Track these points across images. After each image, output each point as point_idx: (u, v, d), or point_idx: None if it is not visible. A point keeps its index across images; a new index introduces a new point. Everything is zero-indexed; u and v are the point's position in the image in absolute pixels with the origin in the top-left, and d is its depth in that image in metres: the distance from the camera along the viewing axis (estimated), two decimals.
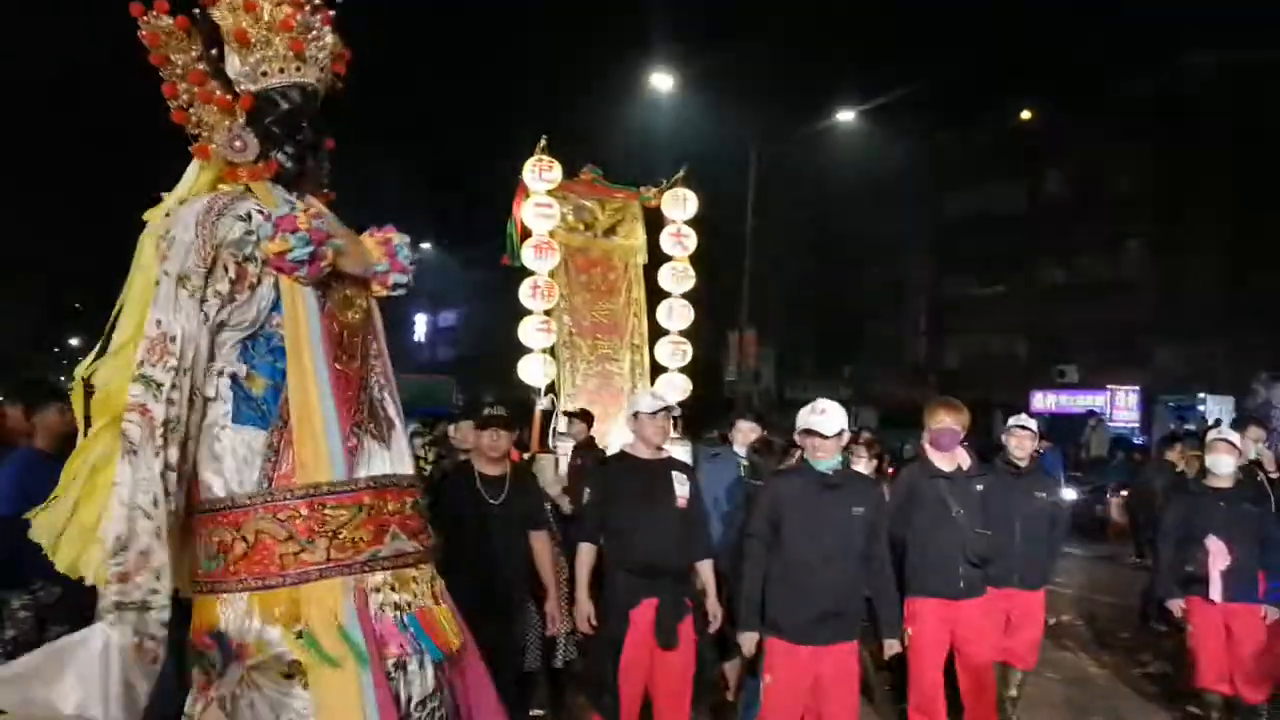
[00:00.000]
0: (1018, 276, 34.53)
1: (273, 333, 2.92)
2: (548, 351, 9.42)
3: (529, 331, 9.29)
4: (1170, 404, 23.11)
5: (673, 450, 5.60)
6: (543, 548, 5.39)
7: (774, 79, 31.16)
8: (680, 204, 10.17)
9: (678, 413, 5.41)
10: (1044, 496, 6.31)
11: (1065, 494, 12.98)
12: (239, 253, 2.84)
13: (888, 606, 5.03)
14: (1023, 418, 6.45)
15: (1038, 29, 30.77)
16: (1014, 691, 6.32)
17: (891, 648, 5.03)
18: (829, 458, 4.75)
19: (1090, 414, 23.49)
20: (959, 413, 5.62)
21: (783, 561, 4.70)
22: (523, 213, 9.35)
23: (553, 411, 9.11)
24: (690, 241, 10.19)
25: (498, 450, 5.20)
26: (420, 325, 54.87)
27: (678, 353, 10.14)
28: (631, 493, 5.05)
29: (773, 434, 6.96)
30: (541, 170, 9.32)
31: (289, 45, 3.01)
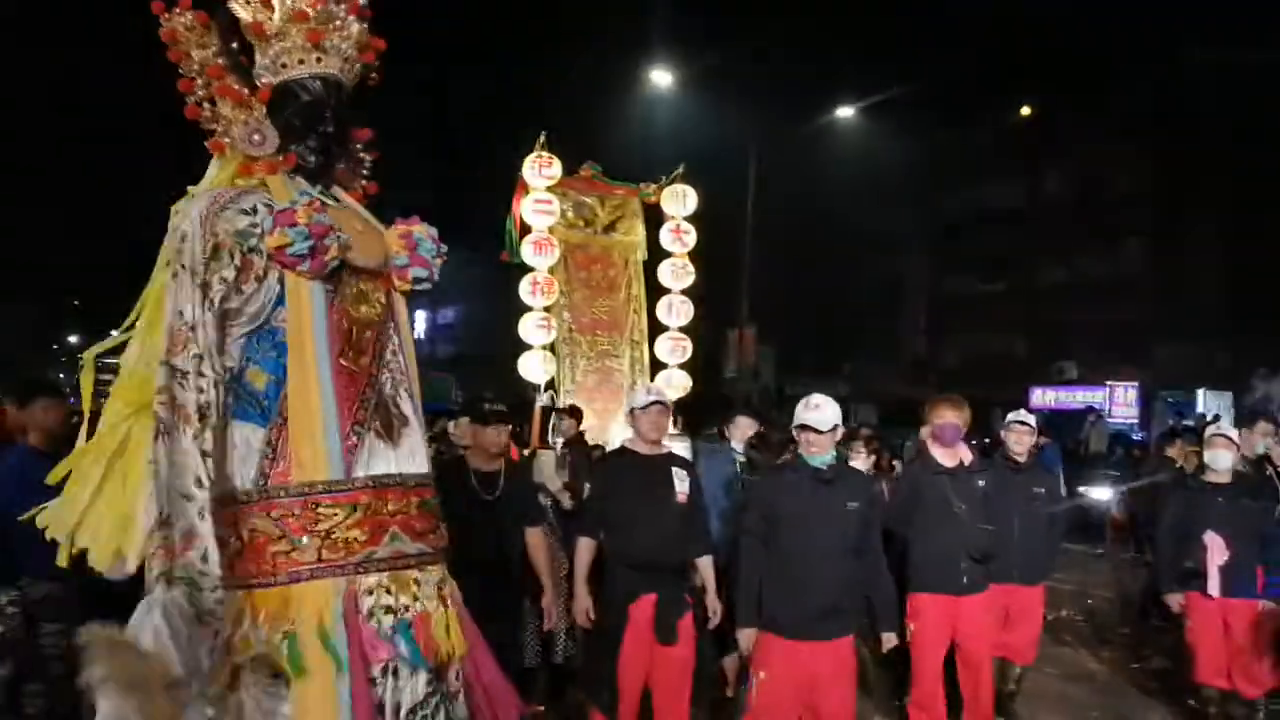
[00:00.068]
0: (1017, 274, 34.54)
1: (277, 328, 2.89)
2: (548, 348, 9.43)
3: (529, 328, 9.30)
4: (1169, 400, 23.10)
5: (672, 446, 5.61)
6: (538, 543, 5.40)
7: (774, 76, 31.11)
8: (680, 200, 10.18)
9: (670, 405, 5.39)
10: (1042, 492, 6.34)
11: (1102, 492, 12.89)
12: (243, 243, 2.81)
13: (884, 600, 5.04)
14: (1021, 413, 6.46)
15: (1037, 27, 30.69)
16: (1013, 686, 6.34)
17: (889, 640, 5.02)
18: (823, 453, 4.75)
19: (1089, 410, 23.48)
20: (961, 409, 5.63)
21: (778, 557, 4.70)
22: (522, 209, 9.35)
23: (553, 408, 9.13)
24: (690, 238, 10.20)
25: (499, 446, 5.21)
26: (420, 322, 54.85)
27: (677, 349, 10.15)
28: (631, 488, 5.05)
29: (772, 430, 6.97)
30: (541, 166, 9.32)
31: (306, 36, 2.98)
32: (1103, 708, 6.89)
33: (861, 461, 6.94)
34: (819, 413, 4.72)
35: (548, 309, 9.41)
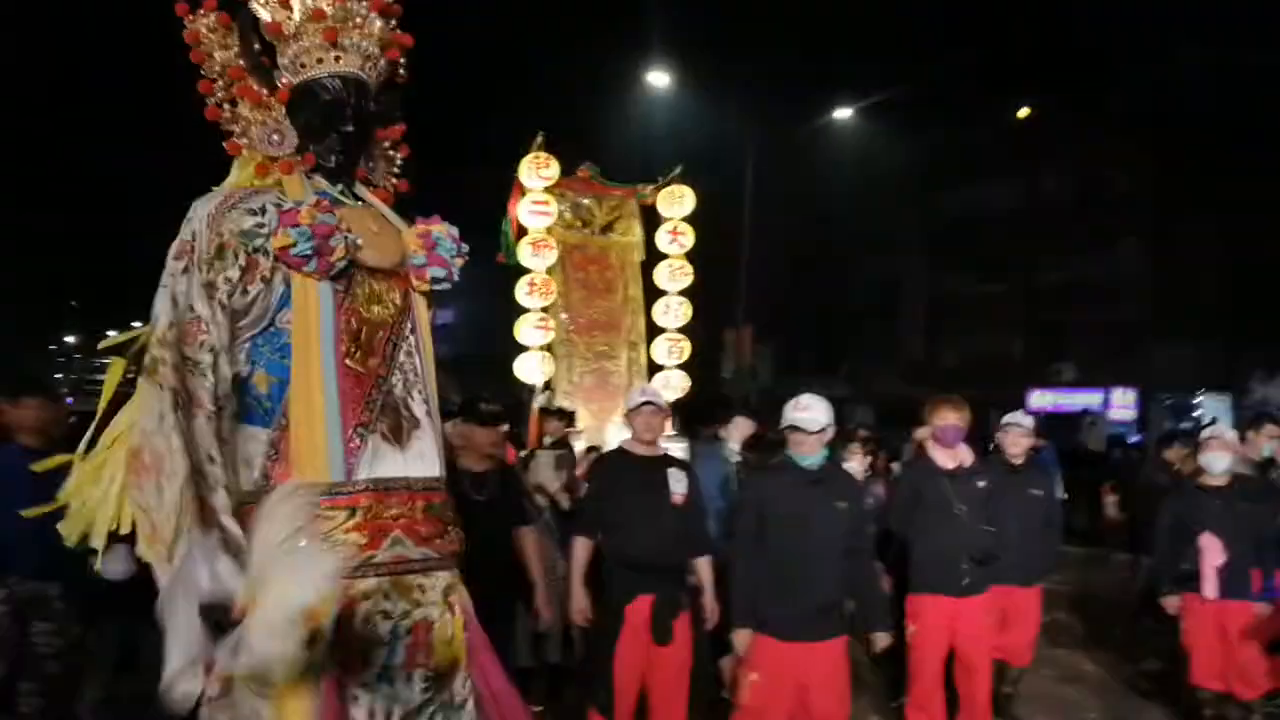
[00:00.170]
0: (1015, 275, 34.51)
1: (282, 329, 2.86)
2: (545, 349, 9.43)
3: (526, 329, 9.29)
4: (1167, 402, 23.14)
5: (670, 447, 5.61)
6: (529, 544, 5.41)
7: (772, 76, 31.15)
8: (677, 201, 10.18)
9: (665, 406, 5.40)
10: (1039, 494, 6.34)
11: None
12: (248, 244, 2.79)
13: (873, 599, 5.05)
14: (1018, 415, 6.47)
15: (1035, 27, 30.74)
16: (1009, 688, 6.34)
17: (880, 640, 5.01)
18: (812, 453, 4.75)
19: (1086, 412, 23.52)
20: (962, 410, 5.64)
21: (769, 558, 4.70)
22: (519, 210, 9.35)
23: (560, 409, 9.15)
24: (687, 239, 10.20)
25: (492, 446, 5.22)
26: None
27: (675, 350, 10.15)
28: (627, 488, 5.06)
29: (768, 431, 6.97)
30: (538, 167, 9.32)
31: (323, 35, 2.96)
32: (1099, 709, 6.90)
33: (858, 462, 6.94)
34: (808, 413, 4.73)
35: (545, 310, 9.40)
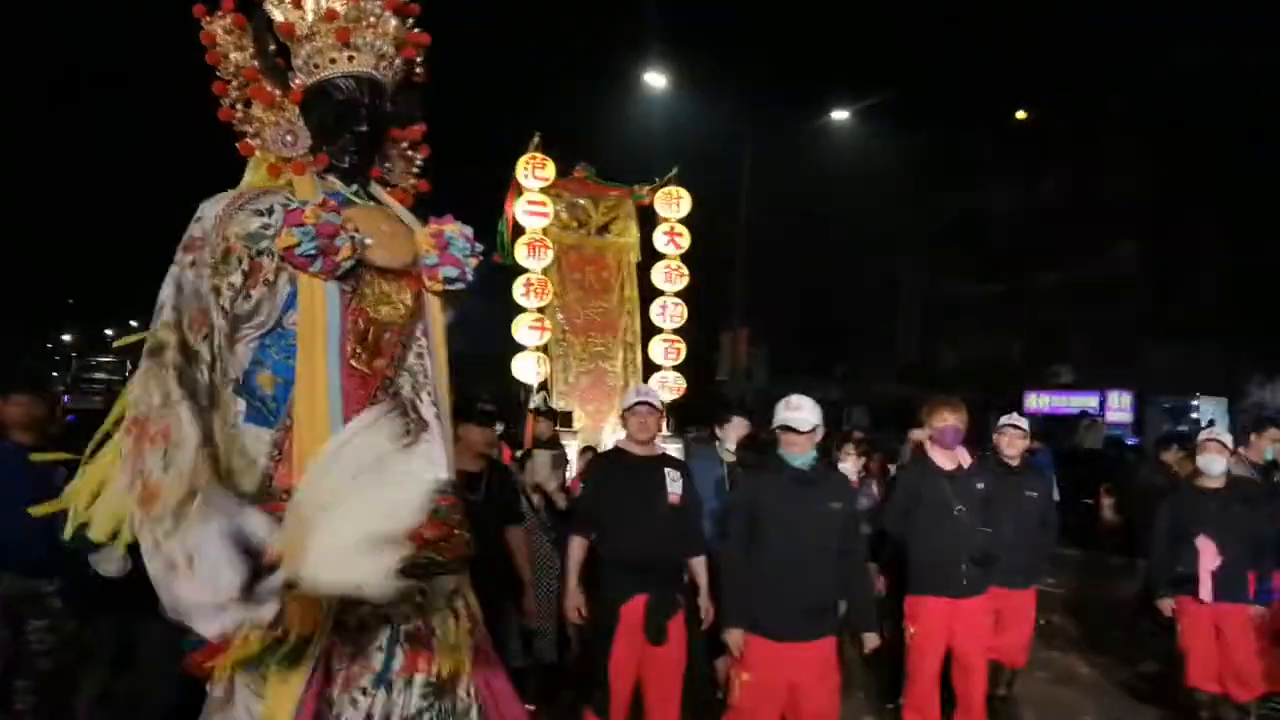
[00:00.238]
0: (1012, 277, 34.51)
1: (289, 330, 2.83)
2: (541, 349, 9.43)
3: (522, 329, 9.29)
4: (1164, 405, 23.15)
5: (665, 448, 5.61)
6: (519, 543, 5.40)
7: (769, 78, 31.13)
8: (674, 202, 10.19)
9: (660, 406, 5.40)
10: (1035, 496, 6.34)
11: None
12: (252, 246, 2.77)
13: (863, 600, 5.05)
14: (1014, 416, 6.48)
15: (1033, 30, 30.73)
16: (1004, 690, 6.34)
17: (870, 641, 5.01)
18: (803, 453, 4.75)
19: (1083, 414, 23.53)
20: (960, 411, 5.65)
21: (760, 558, 4.69)
22: (515, 210, 9.35)
23: (550, 409, 9.15)
24: (683, 240, 10.21)
25: (485, 446, 5.22)
26: None
27: (671, 351, 10.16)
28: (622, 488, 5.06)
29: (762, 431, 6.97)
30: (535, 168, 9.33)
31: (335, 35, 2.94)
32: (1094, 711, 6.90)
33: (852, 463, 6.94)
34: (799, 413, 4.73)
35: (541, 310, 9.41)
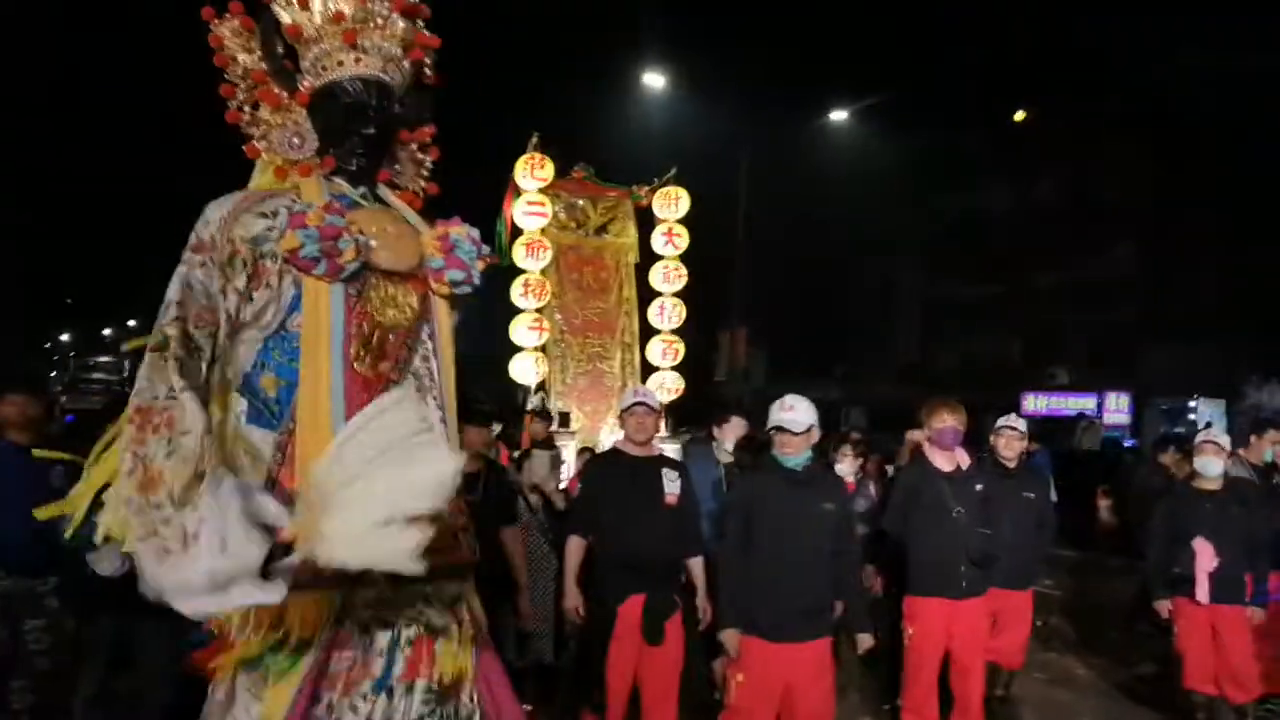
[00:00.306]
0: (1010, 278, 34.51)
1: (293, 332, 2.81)
2: (539, 350, 9.43)
3: (520, 330, 9.29)
4: (1162, 407, 23.15)
5: (663, 449, 5.61)
6: (514, 544, 5.41)
7: (767, 79, 31.15)
8: (672, 203, 10.19)
9: (658, 407, 5.40)
10: (1032, 497, 6.35)
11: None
12: (256, 249, 2.75)
13: (857, 602, 5.06)
14: (1011, 418, 6.48)
15: (1032, 30, 30.77)
16: (1001, 691, 6.35)
17: (863, 642, 5.01)
18: (797, 454, 4.75)
19: (1081, 416, 23.53)
20: (959, 412, 5.66)
21: (755, 559, 4.70)
22: (514, 211, 9.36)
23: (543, 409, 9.14)
24: (682, 241, 10.21)
25: (481, 445, 5.22)
26: None
27: (669, 352, 10.16)
28: (620, 488, 5.07)
29: (758, 432, 6.97)
30: (533, 168, 9.33)
31: (343, 37, 2.93)
32: (1091, 713, 6.90)
33: (848, 464, 6.94)
34: (793, 414, 4.73)
35: (539, 311, 9.41)
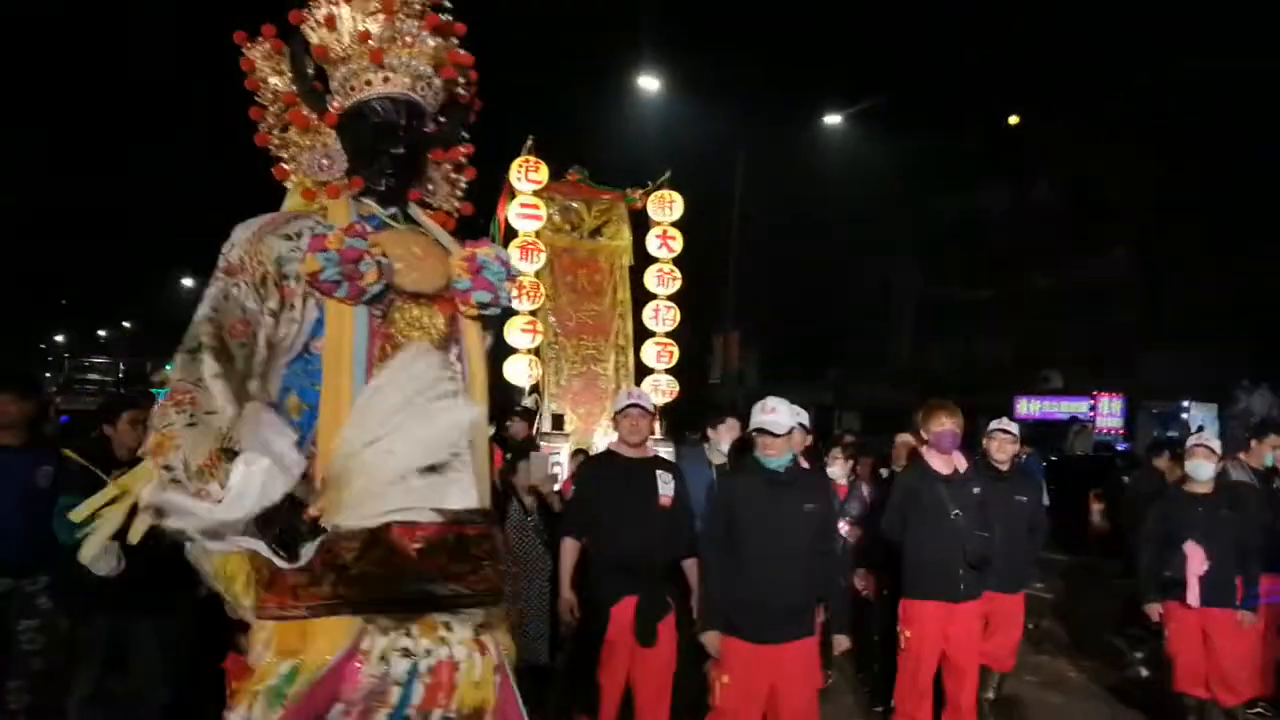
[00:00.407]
0: (1003, 281, 34.54)
1: (315, 355, 2.79)
2: (533, 352, 9.43)
3: (514, 332, 9.29)
4: (1154, 411, 23.19)
5: (658, 450, 5.62)
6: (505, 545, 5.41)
7: (762, 82, 31.12)
8: (666, 206, 10.19)
9: (652, 409, 5.41)
10: (1024, 500, 6.37)
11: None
12: (280, 270, 2.73)
13: (838, 603, 5.07)
14: (1004, 421, 6.49)
15: (1027, 34, 30.77)
16: (991, 694, 6.36)
17: (840, 644, 5.05)
18: (779, 456, 4.76)
19: (1074, 420, 23.56)
20: (957, 416, 5.67)
21: (738, 561, 4.70)
22: (508, 213, 9.36)
23: (537, 411, 9.15)
24: (676, 243, 10.20)
25: None
26: None
27: (663, 354, 10.16)
28: (613, 490, 5.09)
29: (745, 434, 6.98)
30: (527, 171, 9.33)
31: (370, 56, 2.90)
32: (1082, 715, 6.93)
33: (840, 467, 6.95)
34: (774, 416, 4.74)
35: (533, 313, 9.41)
